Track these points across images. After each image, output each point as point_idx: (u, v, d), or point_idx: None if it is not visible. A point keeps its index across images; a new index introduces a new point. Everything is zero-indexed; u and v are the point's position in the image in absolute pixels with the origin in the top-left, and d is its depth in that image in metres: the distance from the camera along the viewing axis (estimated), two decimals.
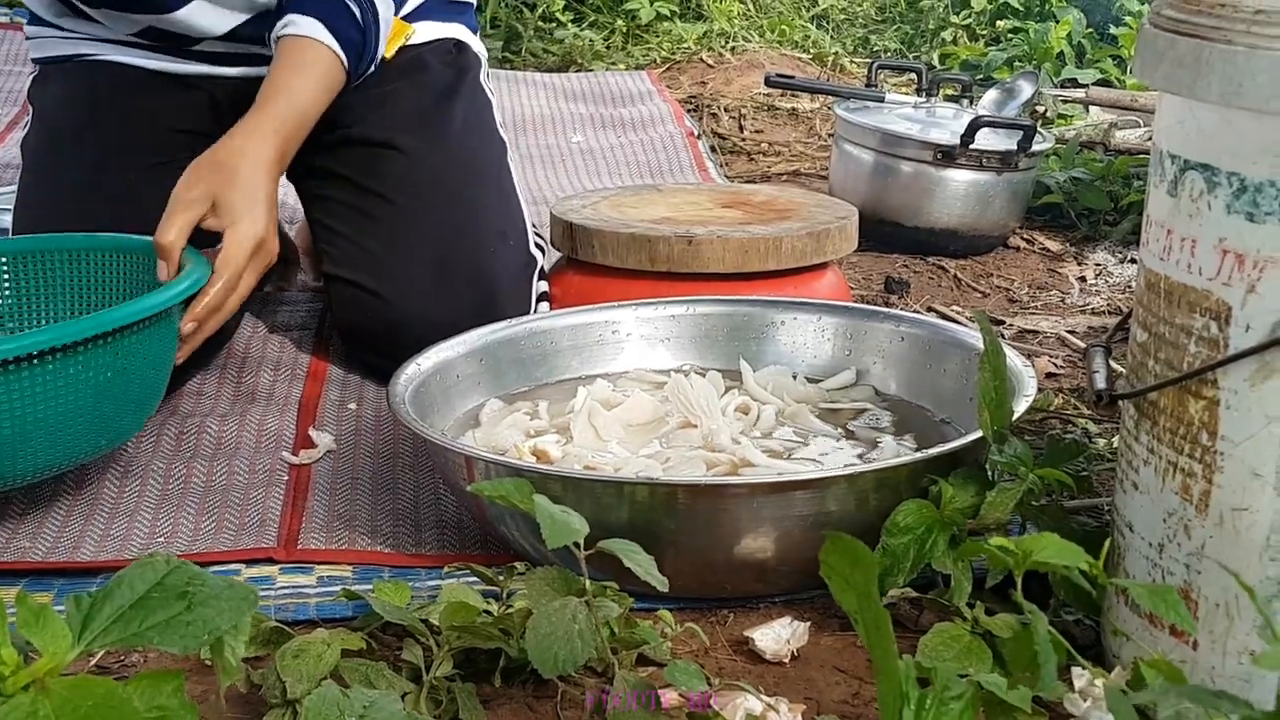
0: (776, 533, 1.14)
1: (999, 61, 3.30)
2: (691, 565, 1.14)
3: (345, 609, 1.16)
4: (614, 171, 2.76)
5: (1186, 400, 0.94)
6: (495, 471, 1.17)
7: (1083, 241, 2.28)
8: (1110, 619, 1.03)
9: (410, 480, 1.41)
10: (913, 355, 1.45)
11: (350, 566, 1.25)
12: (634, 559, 0.94)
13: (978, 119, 2.12)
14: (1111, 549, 1.02)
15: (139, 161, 1.63)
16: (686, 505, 1.13)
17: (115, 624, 0.69)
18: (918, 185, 2.16)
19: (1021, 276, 2.14)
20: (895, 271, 2.12)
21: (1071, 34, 3.39)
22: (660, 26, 3.99)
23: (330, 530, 1.30)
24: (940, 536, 1.10)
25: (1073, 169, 2.37)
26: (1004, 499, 1.09)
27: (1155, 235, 0.97)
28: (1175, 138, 0.94)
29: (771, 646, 1.09)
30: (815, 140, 2.97)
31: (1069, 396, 1.63)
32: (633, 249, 1.62)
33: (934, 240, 2.19)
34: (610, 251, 1.63)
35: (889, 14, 4.04)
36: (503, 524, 1.20)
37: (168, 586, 0.72)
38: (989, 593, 1.09)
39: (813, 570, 1.16)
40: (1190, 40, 0.90)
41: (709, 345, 1.54)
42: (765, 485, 1.14)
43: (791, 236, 1.62)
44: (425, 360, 1.38)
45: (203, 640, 0.71)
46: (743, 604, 1.17)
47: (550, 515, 0.91)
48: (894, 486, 1.14)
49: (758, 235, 1.61)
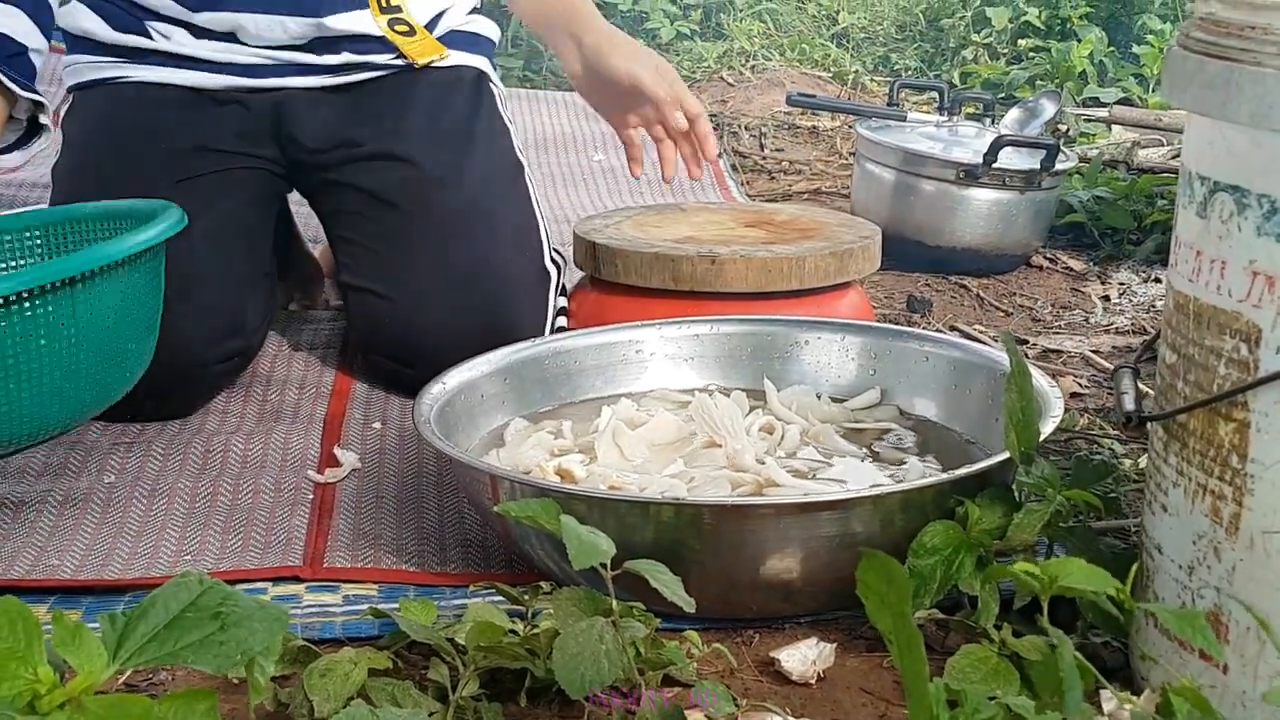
0: (802, 553, 1.13)
1: (1021, 80, 3.30)
2: (717, 585, 1.13)
3: (371, 628, 1.16)
4: (635, 190, 2.76)
5: (1216, 422, 0.94)
6: (520, 491, 1.17)
7: (1106, 261, 2.27)
8: (1139, 642, 1.03)
9: (435, 499, 1.41)
10: (937, 375, 1.45)
11: (376, 585, 1.25)
12: (660, 579, 0.94)
13: (1001, 138, 2.12)
14: (1140, 571, 1.02)
15: (161, 182, 1.64)
16: (712, 525, 1.13)
17: (150, 643, 0.70)
18: (940, 204, 2.16)
19: (1045, 296, 2.13)
20: (917, 290, 2.12)
21: (1093, 53, 3.39)
22: (680, 45, 4.00)
23: (355, 549, 1.31)
24: (967, 558, 1.09)
25: (1096, 188, 2.37)
26: (1031, 520, 1.08)
27: (1184, 257, 0.97)
28: (1205, 159, 0.94)
29: (798, 668, 1.09)
30: (836, 159, 2.97)
31: (1094, 417, 1.63)
32: (656, 268, 1.62)
33: (956, 259, 2.19)
34: (633, 271, 1.63)
35: (909, 32, 4.05)
36: (527, 543, 1.20)
37: (201, 606, 0.72)
38: (1016, 614, 1.08)
39: (838, 591, 1.17)
40: (1220, 62, 0.90)
41: (733, 365, 1.54)
42: (791, 506, 1.14)
43: (815, 256, 1.62)
44: (450, 379, 1.39)
45: (236, 661, 0.71)
46: (768, 625, 1.17)
47: (577, 536, 0.92)
48: (920, 507, 1.14)
49: (781, 255, 1.62)
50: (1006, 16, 3.71)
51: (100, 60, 1.74)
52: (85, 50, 1.75)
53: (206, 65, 1.70)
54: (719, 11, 4.19)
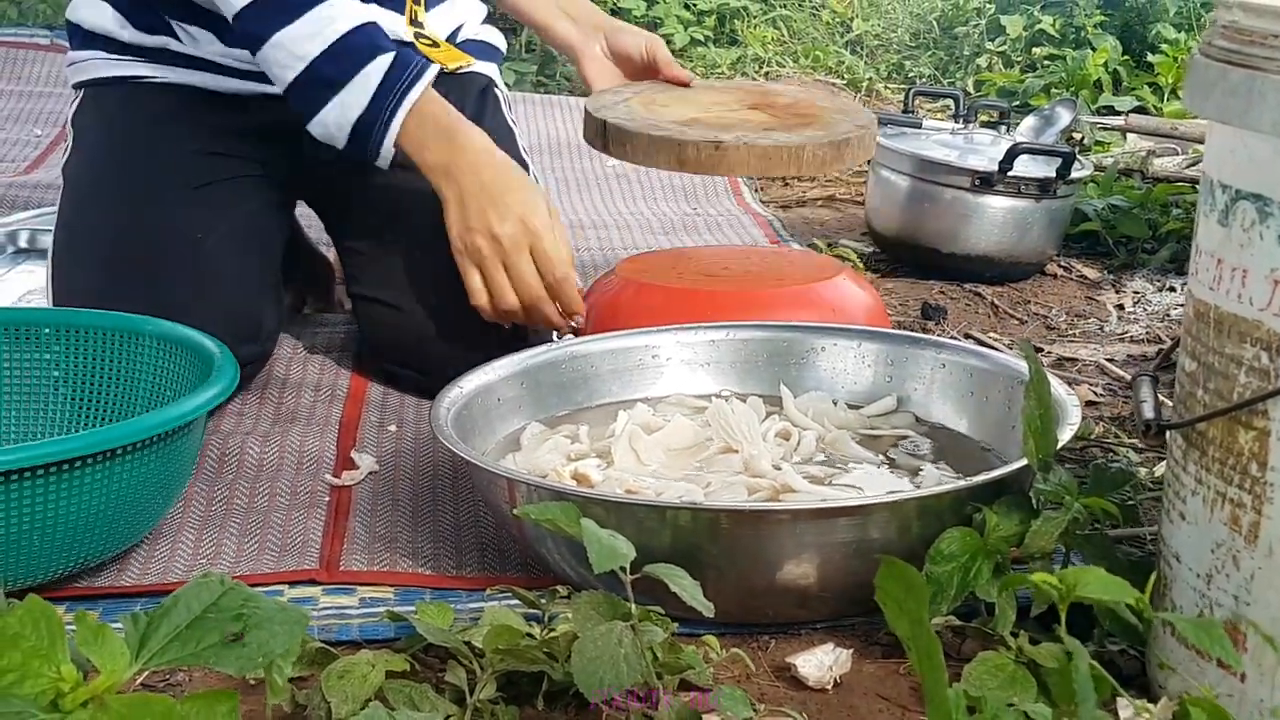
0: (819, 559, 1.14)
1: (1036, 88, 3.29)
2: (733, 590, 1.13)
3: (388, 630, 1.16)
4: (649, 195, 2.77)
5: (1236, 431, 0.94)
6: (538, 495, 1.17)
7: (1121, 269, 2.27)
8: (1156, 650, 1.03)
9: (450, 502, 1.41)
10: (954, 382, 1.45)
11: (392, 588, 1.25)
12: (680, 584, 0.95)
13: (1017, 145, 2.12)
14: (1158, 579, 1.02)
15: (180, 188, 1.64)
16: (729, 530, 1.13)
17: (172, 643, 0.70)
18: (955, 211, 2.16)
19: (1059, 304, 2.13)
20: (932, 298, 2.12)
21: (1108, 61, 3.38)
22: (694, 51, 4.00)
23: (372, 552, 1.31)
24: (984, 565, 1.09)
25: (1111, 196, 2.37)
26: (1049, 528, 1.08)
27: (1205, 265, 0.97)
28: (1226, 168, 0.94)
29: (814, 673, 1.09)
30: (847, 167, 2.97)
31: (1109, 425, 1.62)
32: (663, 151, 1.63)
33: (971, 266, 2.18)
34: (640, 153, 1.65)
35: (923, 40, 4.05)
36: (543, 546, 1.21)
37: (223, 608, 0.72)
38: (1033, 621, 1.08)
39: (855, 597, 1.17)
40: (1242, 70, 0.90)
41: (749, 370, 1.54)
42: (808, 511, 1.14)
43: (813, 144, 1.63)
44: (466, 383, 1.39)
45: (258, 663, 0.71)
46: (783, 630, 1.17)
47: (597, 539, 0.92)
48: (937, 514, 1.14)
49: (781, 143, 1.63)
50: (1021, 25, 3.71)
51: (116, 59, 1.72)
52: (98, 47, 1.73)
53: (228, 70, 1.70)
54: (733, 18, 4.20)
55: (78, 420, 1.43)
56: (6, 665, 0.66)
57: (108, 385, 1.42)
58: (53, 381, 1.43)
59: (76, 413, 1.42)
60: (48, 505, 1.12)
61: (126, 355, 1.42)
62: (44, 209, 2.28)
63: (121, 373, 1.42)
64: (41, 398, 1.43)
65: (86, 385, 1.43)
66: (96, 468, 1.13)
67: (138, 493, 1.19)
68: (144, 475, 1.19)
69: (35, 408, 1.43)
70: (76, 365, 1.43)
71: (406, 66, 1.53)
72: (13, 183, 2.56)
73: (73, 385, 1.42)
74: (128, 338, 1.42)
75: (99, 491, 1.15)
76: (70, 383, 1.42)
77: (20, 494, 1.10)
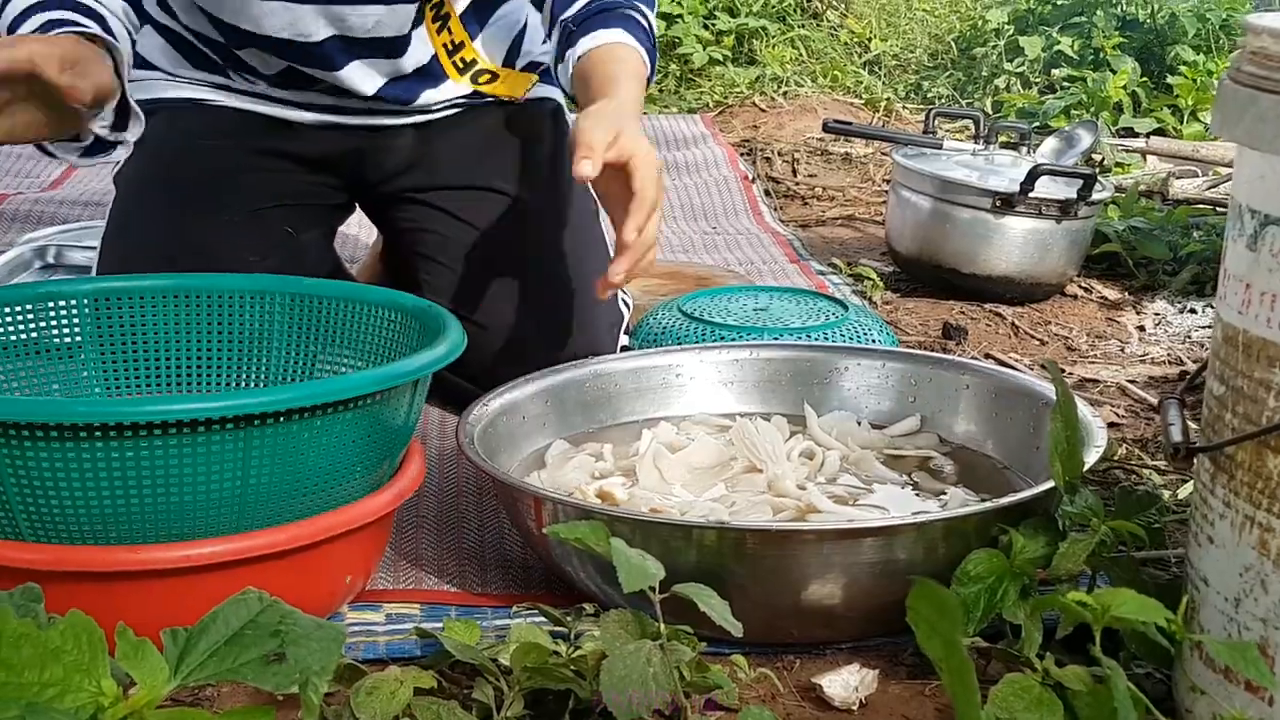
0: (844, 579, 1.14)
1: (1056, 109, 3.30)
2: (758, 610, 1.14)
3: (414, 647, 1.17)
4: (670, 214, 2.78)
5: (1265, 455, 0.94)
6: (564, 513, 1.18)
7: (1141, 291, 2.27)
8: (1185, 674, 1.03)
9: (475, 520, 1.42)
10: (978, 403, 1.45)
11: (418, 605, 1.25)
12: (709, 603, 0.95)
13: (1038, 166, 2.12)
14: (1186, 602, 1.02)
15: (235, 208, 1.63)
16: (755, 550, 1.13)
17: (210, 659, 0.70)
18: (975, 232, 2.16)
19: (1080, 325, 2.13)
20: (952, 318, 2.12)
21: (1127, 83, 3.39)
22: (713, 71, 4.02)
23: (397, 569, 1.31)
24: (1011, 586, 1.09)
25: (1132, 218, 2.37)
26: (1076, 550, 1.08)
27: (1233, 289, 0.97)
28: (1256, 193, 0.94)
29: (840, 694, 1.09)
30: (870, 185, 2.98)
31: (1132, 447, 1.62)
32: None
33: (991, 287, 2.19)
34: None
35: (941, 60, 4.05)
36: (569, 564, 1.21)
37: (260, 624, 0.73)
38: (1058, 644, 1.08)
39: (880, 618, 1.17)
40: (1272, 96, 0.90)
41: (772, 390, 1.54)
42: (834, 532, 1.14)
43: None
44: (492, 401, 1.40)
45: (294, 679, 0.72)
46: (808, 650, 1.17)
47: (627, 559, 0.92)
48: (963, 535, 1.14)
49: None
50: (1040, 46, 3.71)
51: (175, 79, 1.70)
52: (158, 70, 1.71)
53: (284, 101, 1.69)
54: (752, 38, 4.21)
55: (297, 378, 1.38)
56: (48, 679, 0.66)
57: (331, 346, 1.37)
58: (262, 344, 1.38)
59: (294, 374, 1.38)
60: (300, 447, 1.09)
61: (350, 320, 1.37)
62: (69, 225, 2.30)
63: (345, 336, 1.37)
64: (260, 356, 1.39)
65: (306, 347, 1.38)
66: (338, 414, 1.10)
67: (369, 444, 1.16)
68: (374, 427, 1.15)
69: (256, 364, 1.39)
70: (297, 328, 1.37)
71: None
72: (39, 198, 2.58)
73: (292, 347, 1.38)
74: (349, 304, 1.37)
75: (342, 437, 1.12)
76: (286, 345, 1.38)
77: (275, 436, 1.07)
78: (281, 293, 1.37)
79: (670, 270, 2.22)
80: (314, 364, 1.37)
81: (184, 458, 1.03)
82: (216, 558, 1.07)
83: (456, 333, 1.23)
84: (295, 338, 1.37)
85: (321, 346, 1.36)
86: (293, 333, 1.37)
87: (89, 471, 1.02)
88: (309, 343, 1.36)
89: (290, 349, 1.37)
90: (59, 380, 1.33)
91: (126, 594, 1.06)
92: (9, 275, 2.07)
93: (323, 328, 1.36)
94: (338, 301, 1.36)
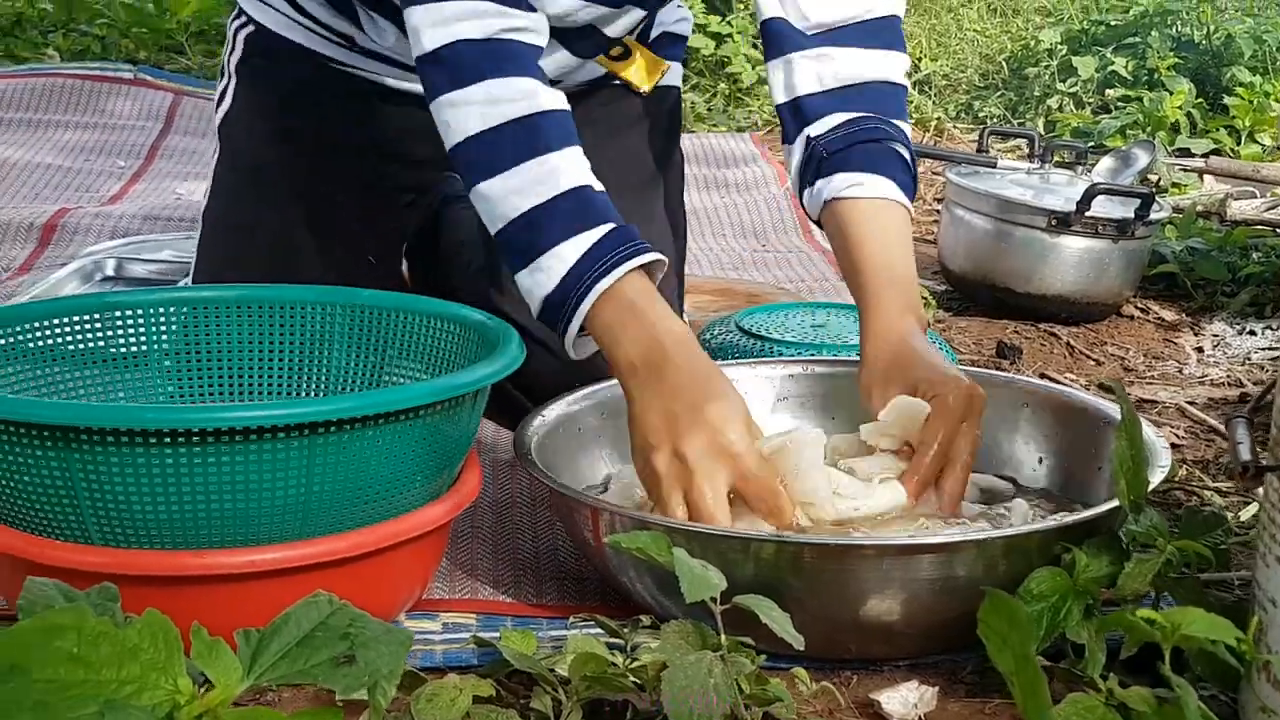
0: (904, 596, 1.13)
1: (1111, 129, 3.28)
2: (815, 625, 1.13)
3: (470, 656, 1.17)
4: (719, 232, 2.78)
5: None
6: (621, 524, 1.18)
7: (1198, 312, 2.25)
8: (1253, 695, 1.02)
9: (530, 531, 1.42)
10: (1036, 421, 1.44)
11: (474, 615, 1.26)
12: (770, 615, 0.95)
13: (1095, 185, 2.11)
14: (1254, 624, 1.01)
15: (355, 204, 1.57)
16: (813, 564, 1.13)
17: (283, 660, 0.71)
18: (1031, 251, 2.15)
19: (1136, 346, 2.12)
20: (1006, 337, 2.11)
21: (1184, 103, 3.37)
22: (761, 90, 4.01)
23: (454, 579, 1.32)
24: (1075, 605, 1.09)
25: (1189, 238, 2.35)
26: (1142, 570, 1.08)
27: None
28: None
29: (899, 710, 1.09)
30: (920, 204, 2.97)
31: (1192, 468, 1.61)
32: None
33: (1046, 307, 2.18)
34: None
35: (991, 80, 4.04)
36: (624, 576, 1.21)
37: (331, 627, 0.73)
38: (1120, 665, 1.07)
39: (939, 635, 1.16)
40: None
41: (825, 405, 1.53)
42: (894, 547, 1.13)
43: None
44: (549, 412, 1.40)
45: (364, 682, 0.72)
46: (865, 666, 1.17)
47: (690, 569, 0.92)
48: (1025, 553, 1.13)
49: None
50: (1093, 66, 3.69)
51: (297, 21, 1.56)
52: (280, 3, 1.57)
53: (408, 67, 1.45)
54: None
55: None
56: (126, 677, 0.67)
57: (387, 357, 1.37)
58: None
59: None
60: (362, 456, 1.10)
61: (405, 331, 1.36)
62: (129, 238, 2.33)
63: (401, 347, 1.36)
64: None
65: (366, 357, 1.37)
66: (400, 423, 1.11)
67: (429, 453, 1.16)
68: (434, 436, 1.16)
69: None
70: (358, 339, 1.37)
71: (617, 245, 1.26)
72: (99, 213, 2.61)
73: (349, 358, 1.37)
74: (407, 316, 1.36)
75: (403, 446, 1.13)
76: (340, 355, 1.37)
77: (342, 444, 1.08)
78: (343, 304, 1.38)
79: (721, 287, 2.22)
80: (373, 375, 1.38)
81: (250, 464, 1.04)
82: (279, 564, 1.08)
83: (516, 346, 1.23)
84: (355, 348, 1.38)
85: (382, 357, 1.37)
86: (353, 343, 1.38)
87: (158, 476, 1.03)
88: (369, 353, 1.37)
89: (350, 359, 1.38)
90: (125, 389, 1.35)
91: (190, 598, 1.07)
92: (71, 287, 2.09)
93: (383, 338, 1.37)
94: (399, 313, 1.37)
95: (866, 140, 1.41)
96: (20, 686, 0.69)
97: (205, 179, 2.90)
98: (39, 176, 2.93)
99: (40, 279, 2.14)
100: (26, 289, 2.12)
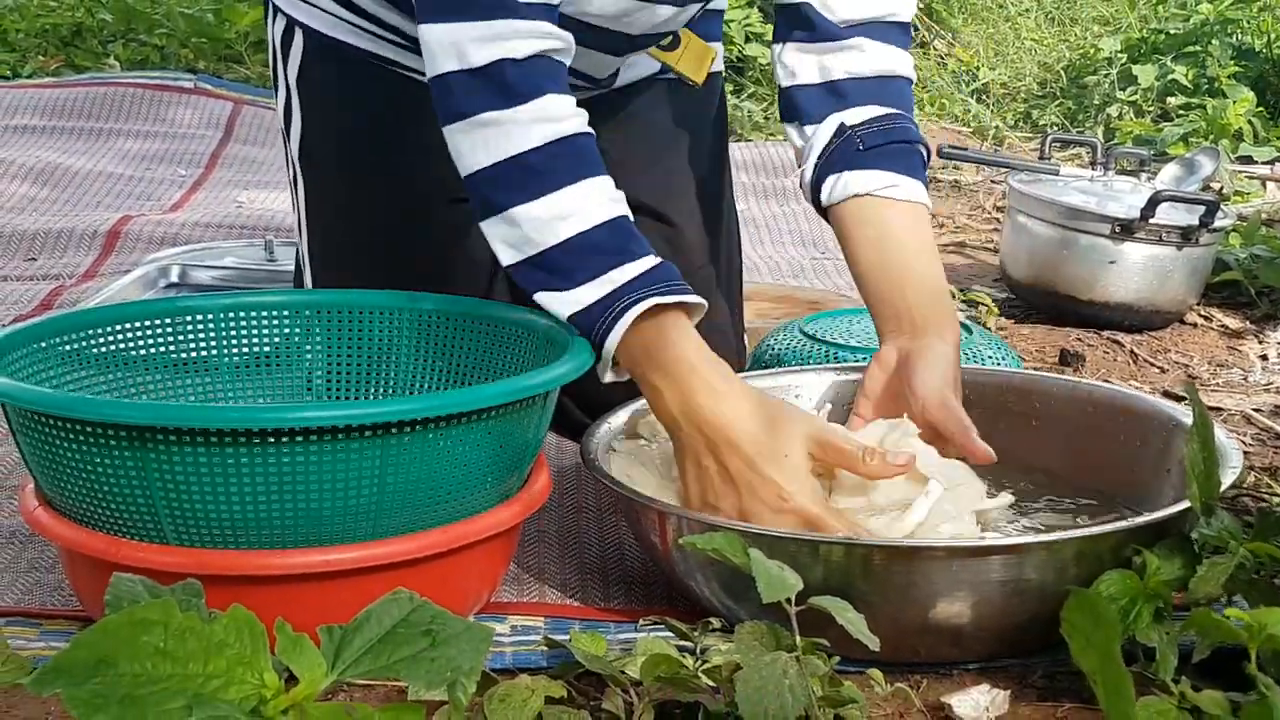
0: (974, 598, 1.13)
1: (1174, 137, 3.25)
2: (885, 628, 1.12)
3: (540, 658, 1.18)
4: (776, 240, 2.78)
5: None
6: (689, 527, 1.18)
7: (1263, 320, 2.23)
8: None
9: (596, 536, 1.43)
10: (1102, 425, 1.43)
11: (542, 618, 1.27)
12: (845, 617, 0.95)
13: (1159, 193, 2.09)
14: None
15: (456, 205, 1.48)
16: (882, 566, 1.13)
17: (366, 655, 0.72)
18: (1094, 258, 2.14)
19: (1200, 353, 2.10)
20: (1069, 345, 2.10)
21: (1247, 111, 3.34)
22: None
23: (521, 583, 1.33)
24: (1145, 608, 1.08)
25: (1254, 246, 2.33)
26: (1215, 572, 1.07)
27: None
28: None
29: (971, 713, 1.08)
30: (980, 212, 2.95)
31: (1260, 474, 1.59)
32: None
33: (1109, 314, 2.16)
34: None
35: (1050, 89, 4.02)
36: (692, 579, 1.21)
37: (413, 623, 0.74)
38: (1191, 669, 1.06)
39: (1009, 638, 1.16)
40: None
41: None
42: (964, 549, 1.13)
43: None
44: (616, 419, 1.41)
45: (445, 678, 0.73)
46: (934, 669, 1.17)
47: (766, 569, 0.92)
48: (1096, 555, 1.13)
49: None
50: (1153, 74, 3.67)
51: (358, 26, 1.49)
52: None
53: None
54: None
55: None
56: (213, 671, 0.68)
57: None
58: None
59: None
60: (435, 456, 1.11)
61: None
62: (192, 245, 2.36)
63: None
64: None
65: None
66: (471, 424, 1.12)
67: (500, 454, 1.17)
68: (506, 437, 1.17)
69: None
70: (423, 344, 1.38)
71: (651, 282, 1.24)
72: (161, 220, 2.65)
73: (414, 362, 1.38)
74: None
75: (474, 447, 1.13)
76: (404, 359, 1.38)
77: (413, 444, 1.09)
78: (409, 309, 1.39)
79: (782, 294, 2.22)
80: (441, 380, 1.39)
81: (324, 464, 1.05)
82: (353, 564, 1.09)
83: (585, 352, 1.24)
84: (422, 354, 1.39)
85: (448, 363, 1.38)
86: (420, 349, 1.39)
87: (233, 476, 1.05)
88: (435, 359, 1.38)
89: (417, 364, 1.39)
90: (193, 393, 1.37)
91: (263, 597, 1.07)
92: (135, 293, 2.12)
93: (450, 345, 1.38)
94: (466, 319, 1.38)
95: (901, 140, 1.43)
96: (108, 680, 0.70)
97: (266, 188, 2.97)
98: (102, 184, 2.97)
99: (104, 285, 2.18)
100: (91, 295, 2.15)
